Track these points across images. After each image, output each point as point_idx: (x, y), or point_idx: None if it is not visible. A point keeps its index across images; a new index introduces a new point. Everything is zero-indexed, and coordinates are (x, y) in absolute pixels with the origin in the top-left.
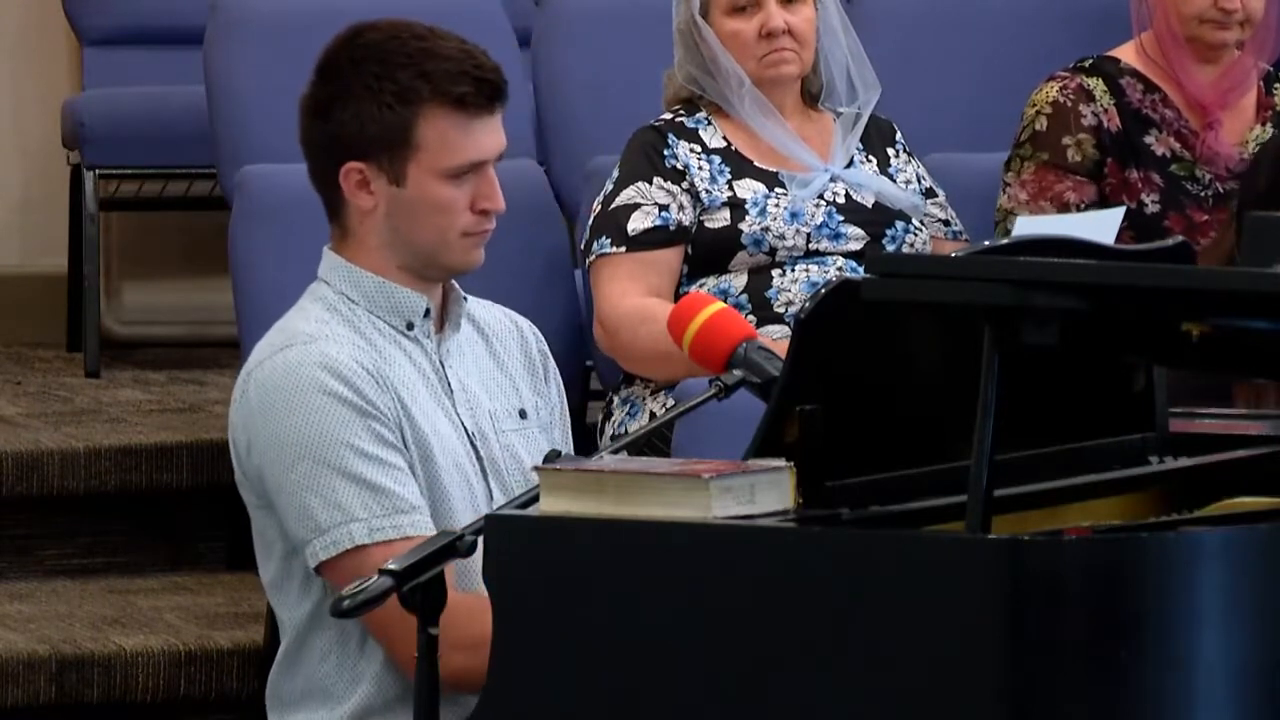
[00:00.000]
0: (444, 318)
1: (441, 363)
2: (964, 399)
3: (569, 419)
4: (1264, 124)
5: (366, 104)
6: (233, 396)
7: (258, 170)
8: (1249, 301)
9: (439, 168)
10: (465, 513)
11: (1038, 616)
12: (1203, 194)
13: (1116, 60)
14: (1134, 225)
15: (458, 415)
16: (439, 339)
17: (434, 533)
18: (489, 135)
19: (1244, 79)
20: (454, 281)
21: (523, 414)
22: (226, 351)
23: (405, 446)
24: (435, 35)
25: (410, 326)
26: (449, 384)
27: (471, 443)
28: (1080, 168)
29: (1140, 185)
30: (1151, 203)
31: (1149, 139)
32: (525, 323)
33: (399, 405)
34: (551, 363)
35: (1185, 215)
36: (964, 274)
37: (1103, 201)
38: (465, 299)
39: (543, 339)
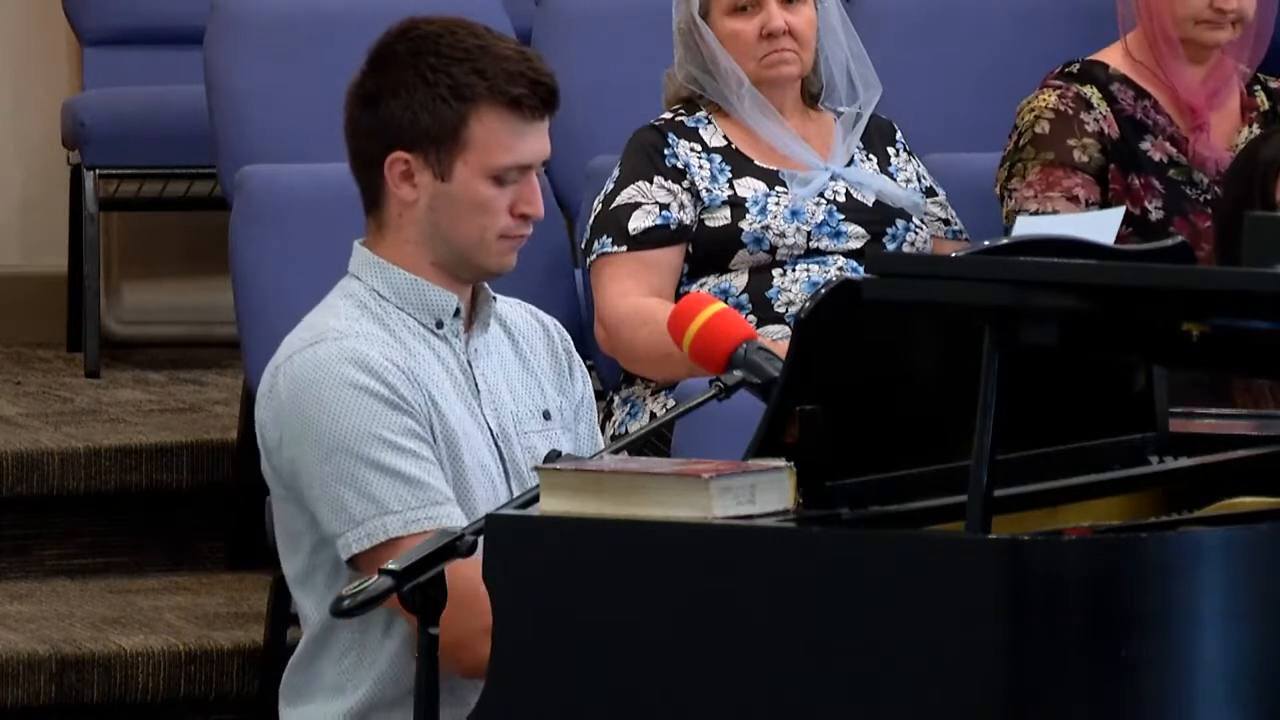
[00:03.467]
0: (473, 317)
1: (469, 362)
2: (964, 399)
3: (595, 411)
4: (1249, 125)
5: (420, 95)
6: (259, 391)
7: (258, 170)
8: (1249, 301)
9: (486, 166)
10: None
11: (1038, 616)
12: (1201, 198)
13: (1104, 65)
14: (1140, 232)
15: (483, 415)
16: (467, 338)
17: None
18: (538, 140)
19: (1227, 81)
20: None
21: (546, 415)
22: (226, 351)
23: (435, 442)
24: (492, 35)
25: (440, 325)
26: (476, 384)
27: (495, 443)
28: (1087, 168)
29: (1143, 192)
30: (1155, 209)
31: (1145, 145)
32: (550, 320)
33: (429, 402)
34: (576, 358)
35: (1189, 220)
36: (964, 274)
37: (1106, 206)
38: (494, 299)
39: (568, 336)
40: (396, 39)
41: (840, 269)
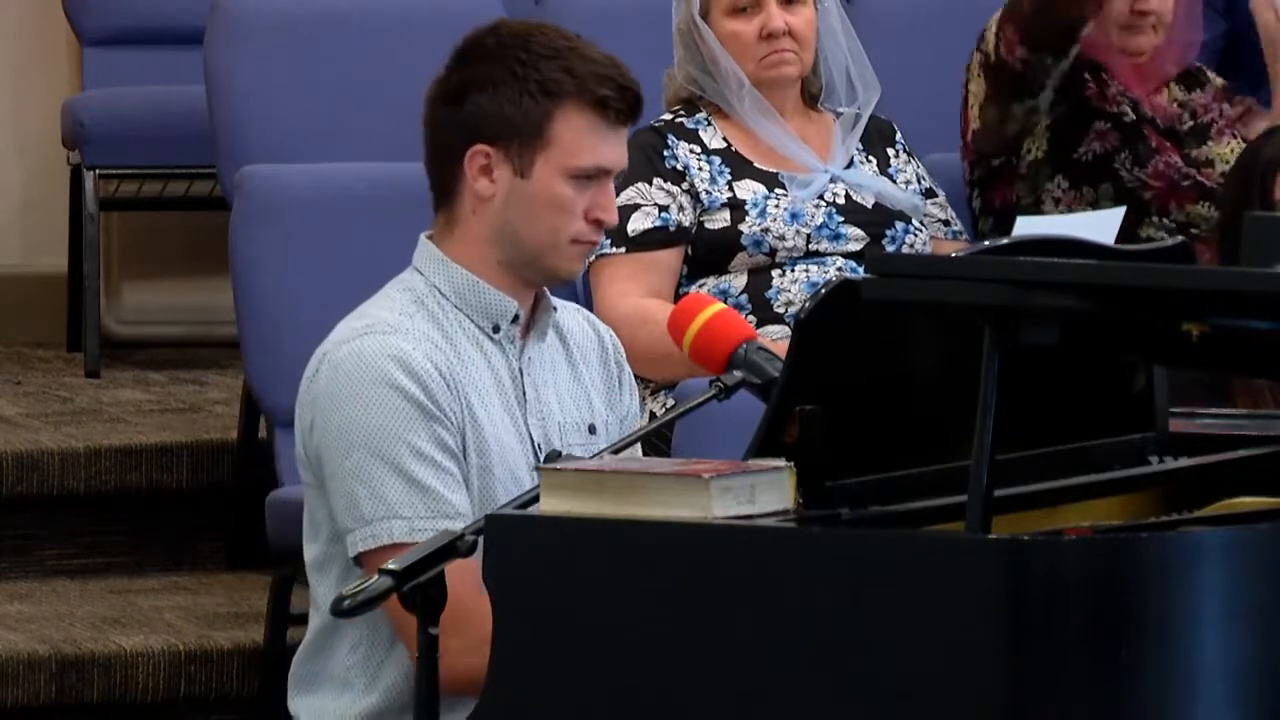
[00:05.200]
0: (531, 325)
1: (521, 371)
2: (964, 399)
3: (639, 424)
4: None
5: (507, 89)
6: (305, 373)
7: (258, 170)
8: (1249, 301)
9: (566, 166)
10: None
11: (1038, 616)
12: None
13: None
14: (1117, 128)
15: (526, 426)
16: (522, 346)
17: None
18: (618, 147)
19: (1160, 75)
20: (545, 289)
21: (592, 429)
22: (226, 351)
23: (465, 452)
24: (581, 40)
25: (496, 330)
26: (524, 393)
27: (536, 454)
28: None
29: (1119, 98)
30: (1127, 115)
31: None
32: (605, 329)
33: (466, 410)
34: (628, 371)
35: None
36: (964, 274)
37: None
38: (554, 308)
39: (621, 348)
40: (485, 35)
41: (839, 269)
